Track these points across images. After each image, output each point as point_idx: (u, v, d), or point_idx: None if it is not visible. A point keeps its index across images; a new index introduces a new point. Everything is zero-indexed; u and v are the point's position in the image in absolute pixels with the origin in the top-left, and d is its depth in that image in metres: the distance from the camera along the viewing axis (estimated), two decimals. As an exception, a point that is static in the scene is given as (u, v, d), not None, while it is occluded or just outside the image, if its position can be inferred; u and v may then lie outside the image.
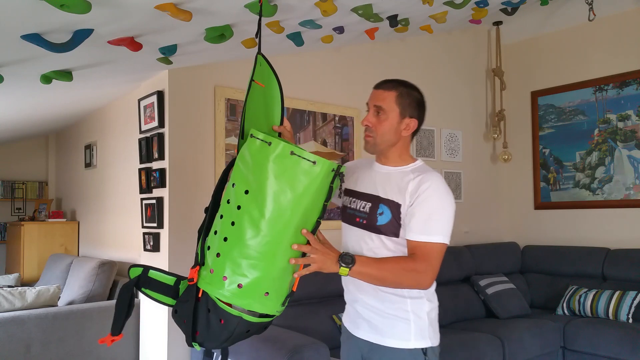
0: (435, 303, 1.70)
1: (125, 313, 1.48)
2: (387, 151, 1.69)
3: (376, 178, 1.70)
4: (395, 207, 1.60)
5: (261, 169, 1.35)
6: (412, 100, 1.68)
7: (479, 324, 3.85)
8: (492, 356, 3.41)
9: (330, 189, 1.42)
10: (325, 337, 3.08)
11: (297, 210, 1.36)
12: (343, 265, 1.49)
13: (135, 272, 1.51)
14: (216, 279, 1.39)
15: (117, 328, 1.46)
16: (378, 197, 1.65)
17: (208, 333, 1.42)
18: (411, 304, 1.63)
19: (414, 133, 1.72)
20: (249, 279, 1.36)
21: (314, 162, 1.35)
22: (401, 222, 1.60)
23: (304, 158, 1.34)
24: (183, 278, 1.52)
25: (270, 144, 1.36)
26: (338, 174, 1.42)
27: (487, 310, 4.14)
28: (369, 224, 1.65)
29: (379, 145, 1.68)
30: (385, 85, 1.69)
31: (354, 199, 1.74)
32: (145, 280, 1.51)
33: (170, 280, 1.52)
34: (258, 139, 1.39)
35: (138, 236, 3.56)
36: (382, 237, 1.62)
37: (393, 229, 1.61)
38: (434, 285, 1.68)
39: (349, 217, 1.74)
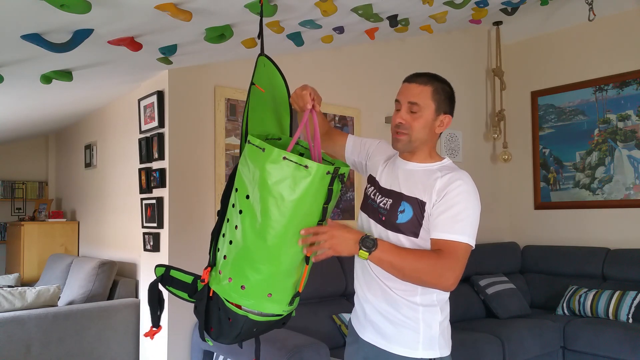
0: (448, 311, 1.63)
1: (157, 307, 1.56)
2: (417, 149, 1.61)
3: (399, 174, 1.63)
4: (418, 206, 1.53)
5: (258, 174, 1.36)
6: (446, 95, 1.60)
7: (479, 324, 3.85)
8: (492, 356, 3.41)
9: (330, 192, 1.40)
10: (325, 337, 3.08)
11: (295, 215, 1.36)
12: (363, 248, 1.42)
13: (159, 271, 1.58)
14: (223, 280, 1.44)
15: (155, 321, 1.56)
16: (401, 194, 1.58)
17: (220, 330, 1.49)
18: (423, 312, 1.56)
19: None
20: (251, 281, 1.40)
21: (307, 167, 1.35)
22: (423, 221, 1.53)
23: (297, 163, 1.34)
24: (200, 277, 1.57)
25: (264, 150, 1.36)
26: (337, 176, 1.41)
27: (487, 310, 4.14)
28: (388, 221, 1.58)
29: (413, 144, 1.59)
30: (419, 79, 1.59)
31: (377, 191, 1.67)
32: (167, 279, 1.57)
33: (188, 279, 1.57)
34: (254, 145, 1.39)
35: (138, 236, 3.56)
36: (400, 236, 1.55)
37: (413, 228, 1.54)
38: (448, 293, 1.62)
39: (369, 208, 1.67)
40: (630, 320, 3.74)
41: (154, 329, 1.54)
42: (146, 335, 1.53)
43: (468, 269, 4.69)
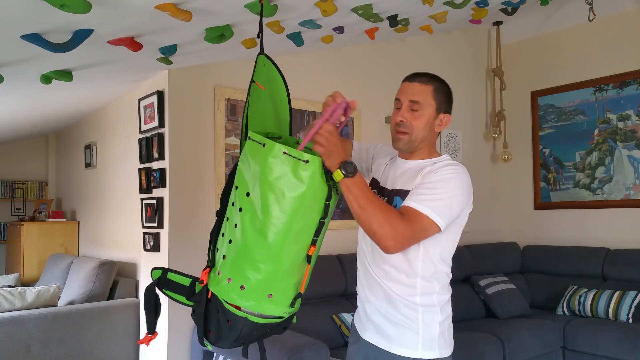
0: (449, 312, 1.62)
1: (154, 313, 1.53)
2: (417, 148, 1.62)
3: (397, 172, 1.65)
4: (407, 195, 1.54)
5: (259, 170, 1.35)
6: (446, 94, 1.62)
7: (479, 324, 3.85)
8: (492, 356, 3.41)
9: (330, 188, 1.38)
10: (325, 337, 3.08)
11: (296, 212, 1.34)
12: (342, 169, 1.38)
13: (156, 274, 1.55)
14: (222, 280, 1.41)
15: (151, 328, 1.52)
16: (394, 190, 1.60)
17: (219, 333, 1.45)
18: (423, 313, 1.56)
19: None
20: (251, 281, 1.37)
21: (307, 161, 1.33)
22: None
23: (297, 158, 1.32)
24: (198, 279, 1.54)
25: (264, 145, 1.34)
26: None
27: (487, 310, 4.14)
28: None
29: (414, 143, 1.60)
30: (420, 78, 1.60)
31: (376, 192, 1.68)
32: (165, 282, 1.54)
33: (186, 282, 1.54)
34: (255, 141, 1.38)
35: (138, 236, 3.56)
36: None
37: None
38: (449, 293, 1.62)
39: None
40: (630, 320, 3.74)
41: (149, 335, 1.50)
42: (140, 342, 1.50)
43: (468, 269, 4.71)
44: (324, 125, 1.40)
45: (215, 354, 3.02)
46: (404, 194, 1.55)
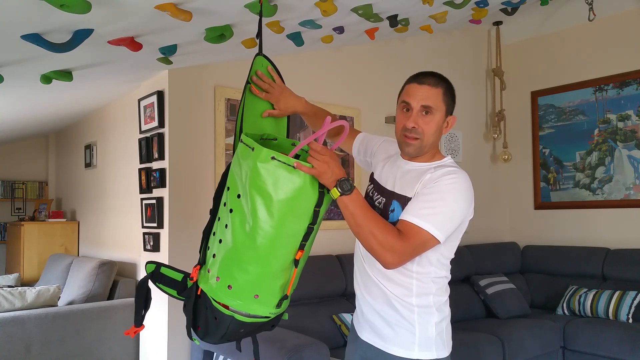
0: (446, 313, 1.60)
1: (143, 306, 1.54)
2: (425, 152, 1.58)
3: (397, 173, 1.61)
4: (405, 202, 1.51)
5: (248, 174, 1.35)
6: (452, 96, 1.57)
7: (479, 324, 3.85)
8: (492, 356, 3.41)
9: (322, 194, 1.38)
10: (325, 337, 3.08)
11: (284, 216, 1.34)
12: (338, 188, 1.38)
13: (150, 268, 1.57)
14: (211, 279, 1.43)
15: (138, 320, 1.52)
16: (393, 192, 1.57)
17: (207, 329, 1.47)
18: (419, 314, 1.54)
19: None
20: (238, 281, 1.39)
21: (294, 166, 1.33)
22: None
23: (285, 163, 1.32)
24: (189, 275, 1.56)
25: (253, 149, 1.34)
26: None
27: (487, 310, 4.14)
28: None
29: (424, 148, 1.55)
30: (429, 80, 1.54)
31: (374, 189, 1.67)
32: (158, 276, 1.56)
33: (178, 277, 1.56)
34: (245, 144, 1.38)
35: (138, 236, 3.56)
36: None
37: None
38: (447, 294, 1.60)
39: None
40: (630, 320, 3.74)
41: (136, 327, 1.52)
42: (127, 333, 1.52)
43: (468, 269, 4.70)
44: (314, 145, 1.38)
45: (215, 354, 3.02)
46: (402, 199, 1.53)
